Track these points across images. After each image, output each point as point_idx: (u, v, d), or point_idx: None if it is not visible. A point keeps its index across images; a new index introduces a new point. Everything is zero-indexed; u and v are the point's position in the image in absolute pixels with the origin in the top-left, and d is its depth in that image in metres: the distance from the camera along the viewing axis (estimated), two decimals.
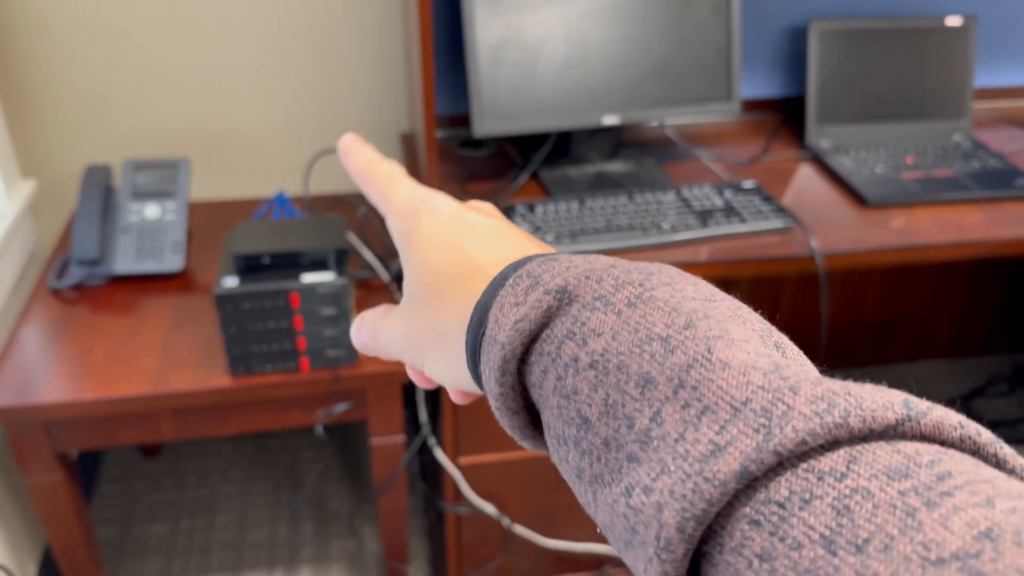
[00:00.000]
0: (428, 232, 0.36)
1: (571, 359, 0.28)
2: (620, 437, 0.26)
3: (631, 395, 0.26)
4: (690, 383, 0.25)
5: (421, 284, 0.36)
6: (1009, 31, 1.80)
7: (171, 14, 1.52)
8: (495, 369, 0.30)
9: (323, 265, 1.19)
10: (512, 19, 1.38)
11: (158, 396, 1.17)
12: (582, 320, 0.28)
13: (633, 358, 0.26)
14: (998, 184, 1.48)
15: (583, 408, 0.27)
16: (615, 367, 0.27)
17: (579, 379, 0.28)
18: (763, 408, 0.23)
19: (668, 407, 0.25)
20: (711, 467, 0.23)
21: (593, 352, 0.27)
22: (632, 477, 0.25)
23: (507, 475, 1.47)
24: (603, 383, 0.27)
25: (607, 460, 0.26)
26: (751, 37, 1.71)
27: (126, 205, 1.40)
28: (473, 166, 1.55)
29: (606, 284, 0.29)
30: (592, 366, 0.27)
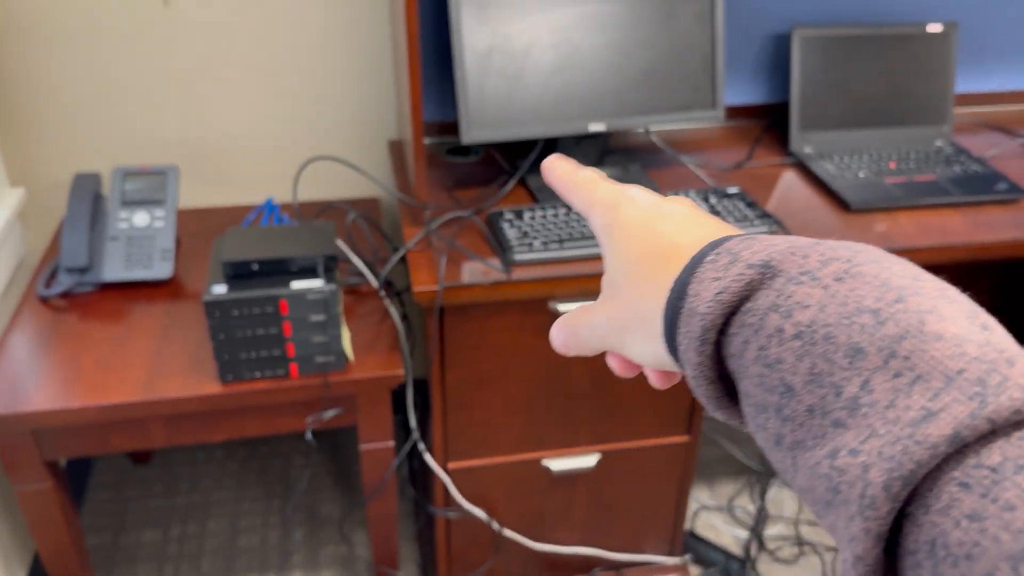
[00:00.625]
0: (627, 221, 0.39)
1: (775, 330, 0.29)
2: (826, 404, 0.27)
3: (839, 364, 0.27)
4: (902, 353, 0.26)
5: (622, 270, 0.38)
6: (989, 38, 1.83)
7: (161, 21, 1.53)
8: (694, 339, 0.32)
9: (312, 272, 1.20)
10: (499, 28, 1.39)
11: (148, 403, 1.18)
12: (787, 293, 0.29)
13: (841, 329, 0.27)
14: (979, 189, 1.50)
15: (787, 377, 0.28)
16: (822, 338, 0.28)
17: (783, 349, 0.29)
18: (978, 378, 0.24)
19: (878, 376, 0.26)
20: (922, 431, 0.24)
21: (799, 323, 0.29)
22: (838, 441, 0.26)
23: (496, 479, 1.48)
24: (809, 353, 0.28)
25: (810, 426, 0.27)
26: (735, 45, 1.73)
27: (115, 213, 1.41)
28: (461, 173, 1.56)
29: (812, 259, 0.30)
30: (798, 336, 0.28)
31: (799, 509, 1.91)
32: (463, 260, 1.29)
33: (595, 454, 1.49)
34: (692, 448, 1.53)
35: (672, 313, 0.34)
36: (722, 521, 1.89)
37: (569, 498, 1.54)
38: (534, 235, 1.31)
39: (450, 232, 1.35)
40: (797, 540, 1.84)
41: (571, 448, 1.48)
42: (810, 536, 1.85)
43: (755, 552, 1.81)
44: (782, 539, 1.84)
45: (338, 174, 1.74)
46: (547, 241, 1.29)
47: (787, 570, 1.78)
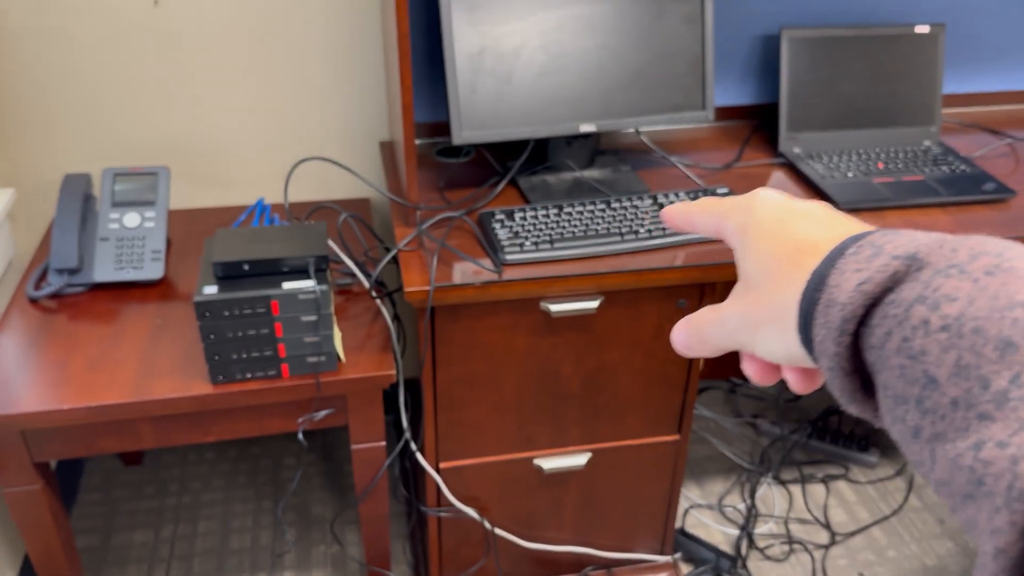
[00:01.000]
0: (762, 221, 0.39)
1: (921, 321, 0.29)
2: (972, 397, 0.27)
3: (988, 357, 0.27)
4: None
5: (758, 267, 0.38)
6: (976, 39, 1.84)
7: (151, 22, 1.52)
8: (833, 329, 0.32)
9: (304, 272, 1.20)
10: (489, 29, 1.40)
11: (138, 404, 1.18)
12: (935, 286, 0.29)
13: (992, 323, 0.27)
14: (967, 189, 1.51)
15: (931, 369, 0.28)
16: (971, 331, 0.27)
17: (929, 340, 0.28)
18: None
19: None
20: None
21: (947, 316, 0.28)
22: (983, 433, 0.26)
23: (488, 479, 1.48)
24: (956, 345, 0.28)
25: (952, 419, 0.27)
26: (724, 46, 1.74)
27: (105, 213, 1.41)
28: (452, 173, 1.56)
29: (961, 253, 0.30)
30: (944, 329, 0.28)
31: (789, 507, 1.93)
32: (454, 260, 1.29)
33: (586, 453, 1.50)
34: (682, 447, 1.54)
35: (808, 305, 0.34)
36: (712, 519, 1.90)
37: (560, 497, 1.55)
38: (525, 235, 1.31)
39: (441, 232, 1.36)
40: (787, 538, 1.85)
41: (562, 448, 1.49)
42: (800, 534, 1.86)
43: (745, 550, 1.82)
44: (772, 537, 1.85)
45: (329, 174, 1.74)
46: (538, 241, 1.30)
47: (777, 568, 1.79)
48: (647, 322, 1.38)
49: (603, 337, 1.37)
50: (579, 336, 1.37)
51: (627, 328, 1.37)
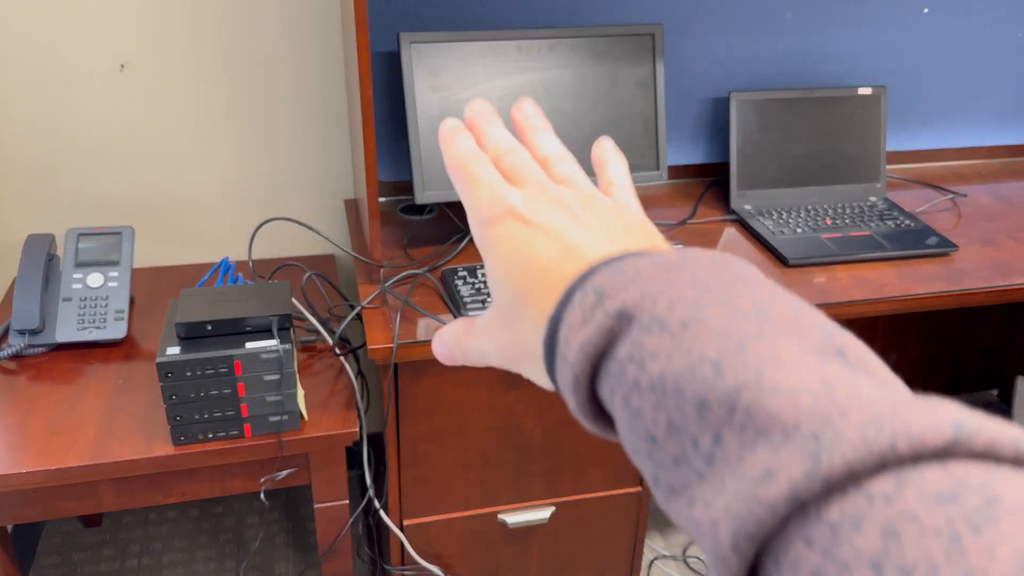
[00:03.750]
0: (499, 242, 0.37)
1: (633, 382, 0.29)
2: (687, 455, 0.27)
3: (691, 417, 0.27)
4: (743, 406, 0.26)
5: (503, 298, 0.37)
6: (917, 99, 1.94)
7: (117, 84, 1.55)
8: (567, 383, 0.32)
9: (267, 332, 1.22)
10: (451, 94, 1.45)
11: (98, 466, 1.17)
12: (640, 342, 0.29)
13: (687, 381, 0.27)
14: (911, 243, 1.57)
15: (649, 427, 0.28)
16: (673, 390, 0.28)
17: (642, 400, 0.29)
18: (812, 433, 0.24)
19: (727, 429, 0.26)
20: (763, 491, 0.24)
21: (652, 375, 0.28)
22: (696, 491, 0.27)
23: (452, 535, 1.49)
24: (664, 405, 0.28)
25: (678, 474, 0.28)
26: (676, 109, 1.81)
27: (68, 274, 1.41)
28: (416, 230, 1.60)
29: (661, 305, 0.30)
30: (652, 389, 0.28)
31: None
32: (418, 317, 1.32)
33: (549, 507, 1.51)
34: (645, 498, 1.56)
35: (549, 355, 0.34)
36: (677, 570, 1.91)
37: (525, 552, 1.55)
38: (487, 292, 1.34)
39: (405, 290, 1.38)
40: None
41: (525, 502, 1.50)
42: None
43: None
44: None
45: (294, 232, 1.76)
46: None
47: None
48: None
49: None
50: (540, 390, 1.39)
51: None
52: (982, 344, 2.32)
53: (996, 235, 1.66)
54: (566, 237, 0.35)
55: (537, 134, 0.42)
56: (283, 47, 1.59)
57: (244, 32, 1.56)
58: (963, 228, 1.68)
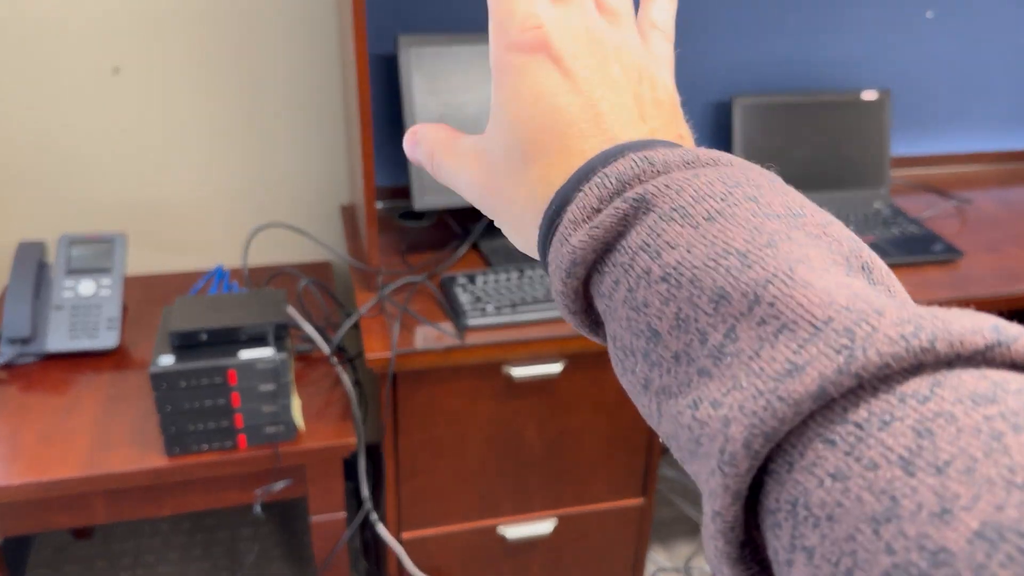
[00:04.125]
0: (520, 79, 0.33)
1: (643, 271, 0.27)
2: (691, 352, 0.25)
3: (704, 310, 0.25)
4: (767, 299, 0.24)
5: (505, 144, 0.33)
6: (922, 103, 1.92)
7: (110, 88, 1.53)
8: (561, 269, 0.30)
9: (262, 340, 1.19)
10: (449, 98, 1.42)
11: (90, 478, 1.14)
12: (658, 231, 0.27)
13: (708, 272, 0.26)
14: (917, 250, 1.55)
15: (653, 321, 0.27)
16: (688, 281, 0.26)
17: (650, 292, 0.27)
18: (845, 328, 0.22)
19: (743, 323, 0.24)
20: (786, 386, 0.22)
21: (666, 265, 0.27)
22: (701, 391, 0.25)
23: (451, 549, 1.46)
24: (675, 297, 0.26)
25: (676, 373, 0.26)
26: None
27: (60, 281, 1.39)
28: (414, 237, 1.57)
29: (686, 194, 0.28)
30: (664, 279, 0.27)
31: None
32: (416, 325, 1.29)
33: (551, 519, 1.48)
34: (647, 510, 1.53)
35: (548, 226, 0.31)
36: None
37: (525, 566, 1.52)
38: (487, 299, 1.31)
39: (403, 297, 1.36)
40: None
41: (526, 514, 1.47)
42: None
43: None
44: None
45: (289, 239, 1.73)
46: (500, 305, 1.30)
47: None
48: (610, 385, 1.38)
49: (566, 401, 1.37)
50: (542, 400, 1.36)
51: (590, 391, 1.37)
52: None
53: (1001, 242, 1.64)
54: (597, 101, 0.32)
55: None
56: (278, 51, 1.57)
57: (238, 36, 1.54)
58: (968, 234, 1.66)
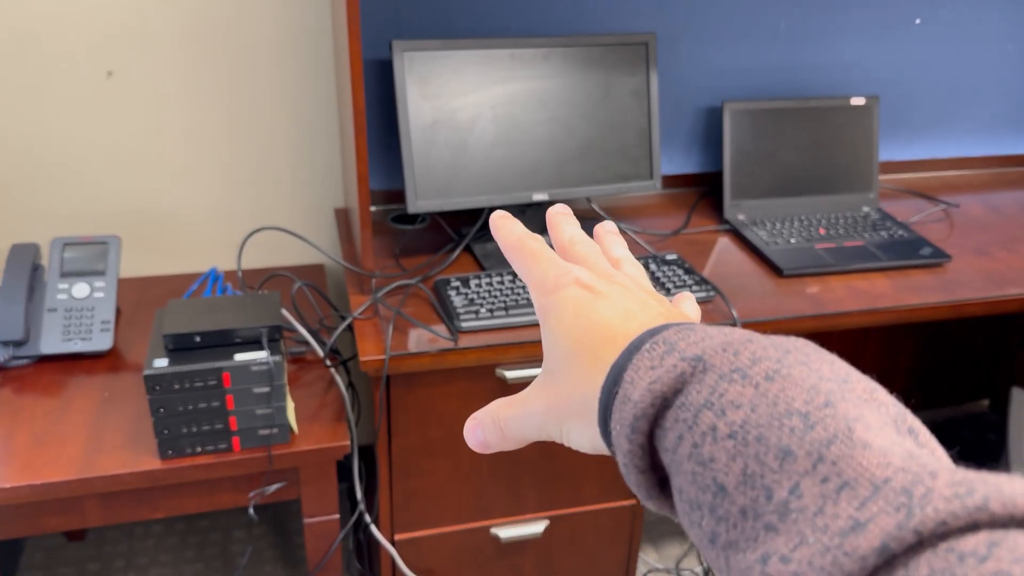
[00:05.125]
0: (562, 306, 0.38)
1: (709, 428, 0.29)
2: (758, 507, 0.27)
3: (770, 467, 0.27)
4: (830, 458, 0.26)
5: (559, 356, 0.37)
6: (909, 109, 1.94)
7: (103, 91, 1.53)
8: (626, 426, 0.32)
9: (256, 343, 1.20)
10: (443, 103, 1.43)
11: (84, 481, 1.15)
12: (720, 391, 0.30)
13: (772, 431, 0.27)
14: (905, 254, 1.57)
15: (720, 476, 0.28)
16: (755, 439, 0.28)
17: (717, 448, 0.29)
18: (903, 488, 0.24)
19: (807, 480, 0.26)
20: (851, 542, 0.24)
21: (732, 423, 0.29)
22: (769, 546, 0.26)
23: (444, 550, 1.47)
24: (742, 453, 0.28)
25: (743, 528, 0.27)
26: (669, 118, 1.80)
27: (53, 284, 1.39)
28: (408, 240, 1.58)
29: (743, 357, 0.30)
30: (731, 436, 0.28)
31: None
32: (410, 328, 1.30)
33: (543, 521, 1.49)
34: (638, 511, 1.54)
35: (607, 398, 0.34)
36: None
37: (518, 566, 1.53)
38: (480, 302, 1.32)
39: (397, 300, 1.36)
40: None
41: (518, 515, 1.48)
42: None
43: None
44: None
45: (283, 241, 1.74)
46: (493, 308, 1.31)
47: None
48: None
49: None
50: None
51: None
52: (975, 354, 2.32)
53: (989, 246, 1.65)
54: (629, 306, 0.37)
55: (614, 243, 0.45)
56: (273, 55, 1.57)
57: (233, 40, 1.55)
58: (956, 238, 1.68)
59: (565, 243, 0.43)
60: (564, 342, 0.37)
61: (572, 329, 0.37)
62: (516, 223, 0.43)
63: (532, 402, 0.39)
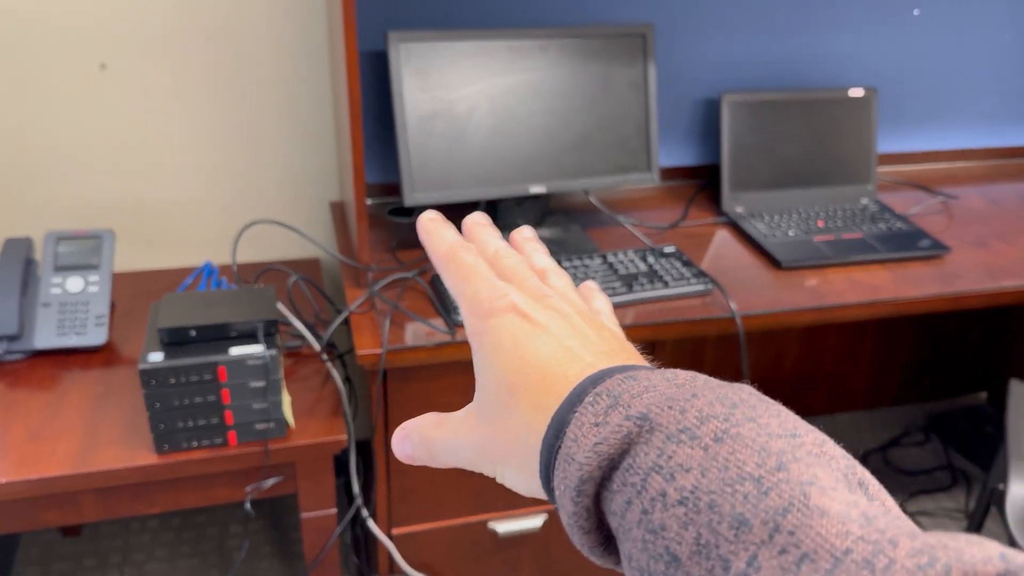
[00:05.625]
0: (499, 334, 0.35)
1: (658, 493, 0.28)
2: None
3: (725, 536, 0.26)
4: (787, 528, 0.25)
5: (493, 392, 0.35)
6: (908, 101, 1.93)
7: (97, 84, 1.52)
8: (571, 488, 0.30)
9: (252, 337, 1.19)
10: (440, 95, 1.42)
11: (80, 476, 1.14)
12: (668, 453, 0.28)
13: (725, 498, 0.26)
14: (904, 246, 1.56)
15: (672, 546, 0.27)
16: (706, 505, 0.26)
17: (667, 515, 0.27)
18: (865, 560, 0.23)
19: (764, 551, 0.25)
20: None
21: (683, 488, 0.27)
22: None
23: (441, 544, 1.46)
24: (694, 521, 0.27)
25: None
26: (667, 110, 1.79)
27: (47, 278, 1.38)
28: (404, 233, 1.57)
29: (690, 416, 0.29)
30: (682, 503, 0.27)
31: None
32: (407, 322, 1.29)
33: (541, 515, 1.49)
34: None
35: (549, 453, 0.32)
36: None
37: (516, 560, 1.53)
38: None
39: (394, 294, 1.36)
40: None
41: (516, 510, 1.47)
42: None
43: None
44: None
45: (278, 235, 1.73)
46: None
47: None
48: None
49: None
50: None
51: None
52: (973, 347, 2.32)
53: (987, 238, 1.65)
54: (568, 341, 0.35)
55: (535, 251, 0.42)
56: (268, 46, 1.56)
57: (227, 31, 1.53)
58: (955, 230, 1.68)
59: (490, 257, 0.39)
60: (501, 376, 0.35)
61: (509, 363, 0.34)
62: (448, 229, 0.40)
63: (463, 434, 0.37)
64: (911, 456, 2.26)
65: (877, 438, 2.30)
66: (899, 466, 2.21)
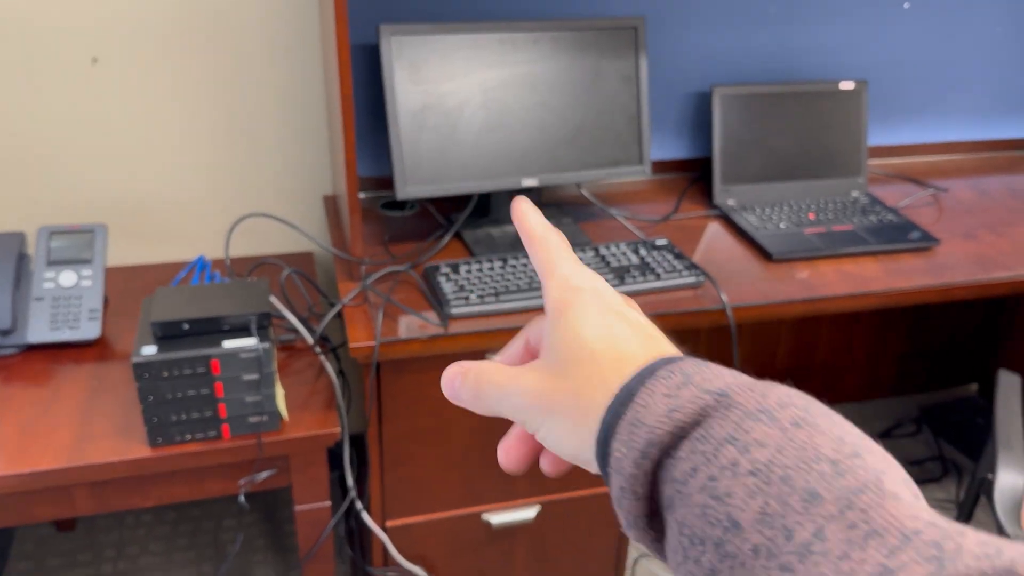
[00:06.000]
0: (588, 308, 0.38)
1: (730, 463, 0.29)
2: (774, 546, 0.27)
3: (793, 508, 0.27)
4: (859, 506, 0.26)
5: (568, 351, 0.37)
6: (898, 94, 1.94)
7: (89, 79, 1.51)
8: (635, 450, 0.31)
9: (245, 330, 1.19)
10: (432, 88, 1.42)
11: (73, 470, 1.14)
12: (746, 428, 0.29)
13: (800, 473, 0.27)
14: (894, 238, 1.57)
15: (735, 512, 0.28)
16: (779, 479, 0.28)
17: (736, 483, 0.28)
18: (934, 541, 0.24)
19: (833, 525, 0.26)
20: None
21: (756, 460, 0.28)
22: None
23: (436, 536, 1.47)
24: (763, 491, 0.28)
25: (752, 566, 0.27)
26: (659, 103, 1.79)
27: (40, 273, 1.38)
28: (397, 227, 1.57)
29: (771, 399, 0.30)
30: (753, 473, 0.28)
31: None
32: (400, 315, 1.30)
33: (535, 506, 1.49)
34: None
35: (613, 417, 0.33)
36: (661, 569, 1.90)
37: (509, 552, 1.54)
38: (470, 288, 1.32)
39: (386, 287, 1.36)
40: None
41: (510, 501, 1.48)
42: None
43: None
44: None
45: (271, 229, 1.73)
46: (483, 294, 1.31)
47: None
48: None
49: None
50: None
51: None
52: (963, 338, 2.33)
53: (977, 229, 1.66)
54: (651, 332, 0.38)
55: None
56: (260, 40, 1.56)
57: (219, 25, 1.53)
58: (944, 222, 1.69)
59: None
60: (580, 341, 0.36)
61: (594, 334, 0.36)
62: (539, 213, 0.43)
63: (523, 381, 0.38)
64: (903, 447, 2.28)
65: (869, 429, 2.31)
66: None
